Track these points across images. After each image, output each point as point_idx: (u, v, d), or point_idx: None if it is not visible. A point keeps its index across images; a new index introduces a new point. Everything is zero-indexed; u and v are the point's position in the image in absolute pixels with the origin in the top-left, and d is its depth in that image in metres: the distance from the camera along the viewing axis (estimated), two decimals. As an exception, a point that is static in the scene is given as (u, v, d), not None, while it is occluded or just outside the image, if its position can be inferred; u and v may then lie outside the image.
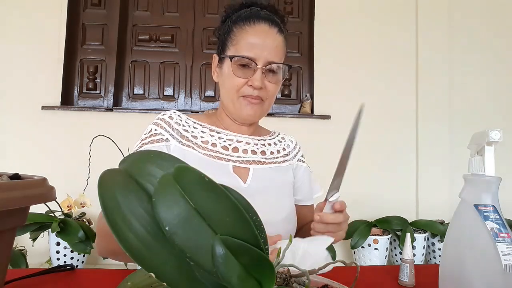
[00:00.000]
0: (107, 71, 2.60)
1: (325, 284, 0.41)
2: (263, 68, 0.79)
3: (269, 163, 0.88)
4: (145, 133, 0.83)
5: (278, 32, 0.82)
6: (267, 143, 0.93)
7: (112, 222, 0.28)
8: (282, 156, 0.92)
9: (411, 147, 2.61)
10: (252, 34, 0.80)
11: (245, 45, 0.80)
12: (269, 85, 0.81)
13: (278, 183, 0.87)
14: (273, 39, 0.81)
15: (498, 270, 0.48)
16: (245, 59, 0.79)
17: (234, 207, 0.29)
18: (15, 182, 0.37)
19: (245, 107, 0.82)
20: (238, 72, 0.80)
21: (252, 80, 0.79)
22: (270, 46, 0.80)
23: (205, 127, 0.87)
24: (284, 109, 2.70)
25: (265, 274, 0.29)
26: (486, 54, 2.69)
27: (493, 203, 0.51)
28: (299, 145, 0.99)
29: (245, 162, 0.84)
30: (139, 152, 0.35)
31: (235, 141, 0.87)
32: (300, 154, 0.97)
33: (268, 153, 0.90)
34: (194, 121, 0.87)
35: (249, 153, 0.86)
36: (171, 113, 0.86)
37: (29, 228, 1.84)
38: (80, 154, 2.23)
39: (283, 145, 0.95)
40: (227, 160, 0.82)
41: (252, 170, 0.84)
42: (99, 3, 2.62)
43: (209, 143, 0.84)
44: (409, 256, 0.68)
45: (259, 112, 0.84)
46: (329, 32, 2.60)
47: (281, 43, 0.83)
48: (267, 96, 0.83)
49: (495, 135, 0.51)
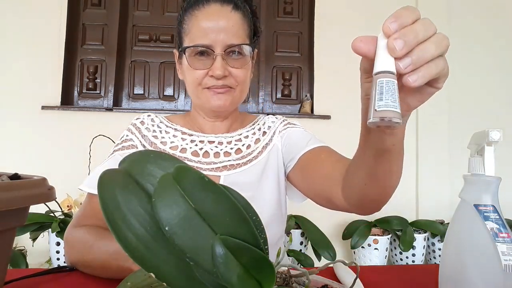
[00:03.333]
0: (107, 71, 2.60)
1: (325, 284, 0.41)
2: (222, 54, 0.71)
3: (244, 164, 0.79)
4: (119, 139, 0.81)
5: (234, 9, 0.73)
6: (244, 136, 0.83)
7: (112, 222, 0.28)
8: (262, 146, 0.82)
9: (411, 147, 2.60)
10: (202, 18, 0.71)
11: (197, 32, 0.71)
12: (235, 71, 0.73)
13: (255, 185, 0.78)
14: (227, 18, 0.71)
15: (498, 270, 0.48)
16: (200, 48, 0.71)
17: (234, 207, 0.29)
18: (15, 182, 0.37)
19: (212, 98, 0.74)
20: (196, 63, 0.73)
21: (213, 70, 0.71)
22: (225, 27, 0.71)
23: (177, 130, 0.82)
24: (284, 109, 2.70)
25: (265, 274, 0.29)
26: (486, 54, 2.69)
27: (493, 203, 0.51)
28: (283, 119, 0.88)
29: (215, 169, 0.77)
30: (139, 152, 0.35)
31: (206, 143, 0.80)
32: (283, 125, 0.85)
33: (244, 148, 0.81)
34: (168, 124, 0.83)
35: (222, 156, 0.79)
36: (143, 118, 0.83)
37: (29, 228, 1.84)
38: (80, 154, 2.23)
39: (263, 130, 0.85)
40: (196, 168, 0.75)
41: (223, 178, 0.77)
42: (99, 3, 2.62)
43: (178, 149, 0.79)
44: (386, 63, 0.36)
45: (230, 101, 0.75)
46: (329, 32, 2.60)
47: (239, 20, 0.73)
48: (236, 83, 0.74)
49: (495, 135, 0.51)
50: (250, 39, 0.77)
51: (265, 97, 2.70)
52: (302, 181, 0.78)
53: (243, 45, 0.73)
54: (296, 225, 2.16)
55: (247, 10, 0.76)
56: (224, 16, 0.72)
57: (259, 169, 0.80)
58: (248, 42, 0.75)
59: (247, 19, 0.76)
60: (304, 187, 0.78)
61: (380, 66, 0.34)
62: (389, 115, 0.32)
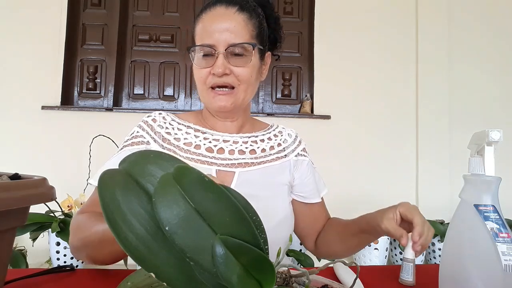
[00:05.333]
0: (107, 71, 2.60)
1: (325, 284, 0.41)
2: (224, 53, 0.73)
3: (258, 163, 0.81)
4: (128, 135, 0.82)
5: (238, 10, 0.76)
6: (259, 139, 0.86)
7: (112, 222, 0.28)
8: (276, 153, 0.85)
9: (411, 147, 2.60)
10: (207, 20, 0.75)
11: (203, 34, 0.75)
12: (236, 70, 0.75)
13: (268, 186, 0.80)
14: (230, 19, 0.74)
15: (498, 270, 0.48)
16: (205, 48, 0.74)
17: (234, 207, 0.29)
18: (15, 182, 0.37)
19: (214, 99, 0.77)
20: (201, 62, 0.76)
21: (214, 67, 0.74)
22: (227, 27, 0.74)
23: (190, 128, 0.83)
24: (284, 109, 2.70)
25: (265, 274, 0.29)
26: (487, 54, 2.69)
27: (493, 203, 0.51)
28: (300, 138, 0.91)
29: (230, 165, 0.78)
30: (139, 152, 0.35)
31: (221, 141, 0.81)
32: (301, 148, 0.89)
33: (259, 151, 0.83)
34: (180, 121, 0.84)
35: (236, 154, 0.81)
36: (155, 115, 0.83)
37: (29, 228, 1.84)
38: (80, 154, 2.23)
39: (278, 140, 0.88)
40: (211, 163, 0.77)
41: (237, 174, 0.78)
42: (99, 3, 2.62)
43: (192, 145, 0.80)
44: (411, 255, 0.68)
45: (232, 102, 0.77)
46: (329, 32, 2.60)
47: (242, 21, 0.75)
48: (238, 82, 0.76)
49: (495, 135, 0.51)
50: (258, 40, 0.78)
51: (265, 97, 2.70)
52: (296, 213, 0.88)
53: (245, 44, 0.75)
54: (296, 225, 2.15)
55: (256, 13, 0.79)
56: (228, 18, 0.75)
57: (273, 173, 0.82)
58: (253, 42, 0.76)
59: (254, 20, 0.78)
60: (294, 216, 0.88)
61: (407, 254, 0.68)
62: (408, 283, 0.66)
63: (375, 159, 2.56)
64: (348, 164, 2.53)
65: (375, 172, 2.55)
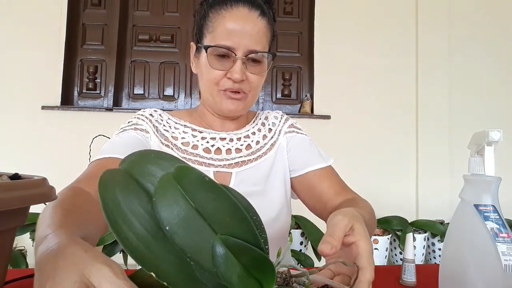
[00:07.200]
0: (107, 71, 2.60)
1: (325, 284, 0.41)
2: (243, 58, 0.71)
3: (254, 159, 0.80)
4: (126, 123, 0.79)
5: (260, 15, 0.73)
6: (251, 132, 0.85)
7: (112, 222, 0.28)
8: (269, 140, 0.84)
9: (411, 147, 2.60)
10: (229, 20, 0.71)
11: (222, 33, 0.71)
12: (252, 77, 0.73)
13: (265, 180, 0.79)
14: (253, 24, 0.71)
15: (498, 270, 0.48)
16: (223, 49, 0.71)
17: (234, 207, 0.29)
18: (15, 182, 0.37)
19: (226, 102, 0.75)
20: (216, 63, 0.72)
21: (231, 72, 0.71)
22: (249, 32, 0.71)
23: (187, 127, 0.81)
24: (284, 109, 2.70)
25: (265, 274, 0.29)
26: (487, 54, 2.69)
27: (493, 203, 0.51)
28: (286, 116, 0.90)
29: (227, 166, 0.78)
30: (139, 152, 0.35)
31: (218, 140, 0.80)
32: (287, 125, 0.87)
33: (254, 144, 0.83)
34: (176, 120, 0.82)
35: (233, 153, 0.80)
36: (151, 111, 0.82)
37: (29, 228, 1.84)
38: (80, 154, 2.23)
39: (267, 126, 0.87)
40: (208, 165, 0.77)
41: (234, 175, 0.77)
42: (99, 3, 2.62)
43: (190, 145, 0.78)
44: (411, 255, 0.68)
45: (242, 107, 0.76)
46: (329, 32, 2.60)
47: (264, 28, 0.73)
48: (250, 89, 0.75)
49: (495, 135, 0.51)
50: (271, 46, 0.78)
51: (265, 97, 2.70)
52: (300, 191, 0.84)
53: (264, 53, 0.73)
54: (296, 225, 2.16)
55: (271, 17, 0.77)
56: (251, 21, 0.72)
57: (268, 165, 0.82)
58: (269, 50, 0.75)
59: (271, 26, 0.76)
60: (301, 196, 0.85)
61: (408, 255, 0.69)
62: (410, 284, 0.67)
63: (375, 159, 2.56)
64: (348, 164, 2.53)
65: (375, 172, 2.55)
